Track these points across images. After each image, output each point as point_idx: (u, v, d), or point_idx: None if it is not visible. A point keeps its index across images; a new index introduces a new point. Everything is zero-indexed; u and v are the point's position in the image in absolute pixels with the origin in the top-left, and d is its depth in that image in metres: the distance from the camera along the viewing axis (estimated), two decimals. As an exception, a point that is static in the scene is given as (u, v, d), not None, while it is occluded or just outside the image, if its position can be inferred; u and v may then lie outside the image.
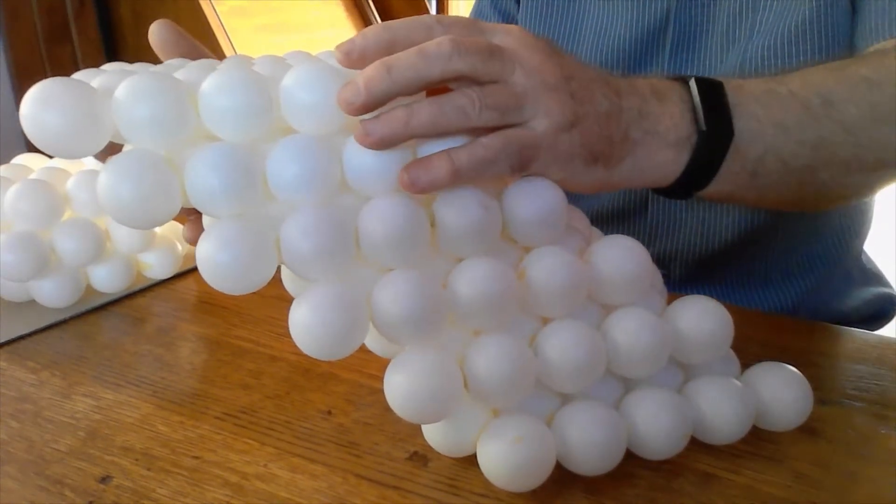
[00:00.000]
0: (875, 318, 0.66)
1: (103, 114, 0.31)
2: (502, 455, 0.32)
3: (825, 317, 0.62)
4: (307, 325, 0.30)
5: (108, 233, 0.53)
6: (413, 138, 0.32)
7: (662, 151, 0.37)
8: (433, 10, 2.12)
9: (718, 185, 0.39)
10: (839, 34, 0.51)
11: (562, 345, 0.33)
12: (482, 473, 0.34)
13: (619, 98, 0.36)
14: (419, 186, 0.31)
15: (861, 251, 0.67)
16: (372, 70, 0.31)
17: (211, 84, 0.31)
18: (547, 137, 0.33)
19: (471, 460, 0.35)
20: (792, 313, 0.60)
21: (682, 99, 0.38)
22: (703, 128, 0.37)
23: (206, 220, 0.35)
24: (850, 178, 0.42)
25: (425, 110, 0.31)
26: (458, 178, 0.32)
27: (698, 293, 0.38)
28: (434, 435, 0.35)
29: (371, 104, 0.31)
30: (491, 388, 0.32)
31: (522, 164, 0.33)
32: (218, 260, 0.30)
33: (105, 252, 0.53)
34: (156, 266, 0.57)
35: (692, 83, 0.38)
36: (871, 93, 0.40)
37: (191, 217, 0.38)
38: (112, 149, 0.35)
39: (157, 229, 0.56)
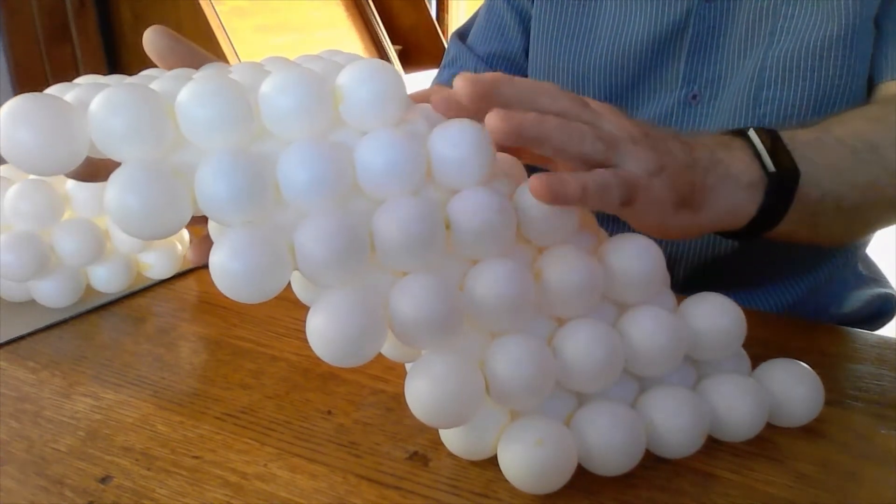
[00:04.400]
0: (875, 318, 0.66)
1: (78, 128, 0.30)
2: (524, 458, 0.31)
3: (825, 317, 0.62)
4: (325, 333, 0.30)
5: (108, 233, 0.53)
6: (530, 142, 0.33)
7: (739, 193, 0.39)
8: (433, 11, 2.12)
9: (784, 225, 0.40)
10: (863, 59, 0.51)
11: (581, 344, 0.33)
12: (482, 473, 0.34)
13: (691, 149, 0.38)
14: (554, 196, 0.32)
15: (862, 252, 0.67)
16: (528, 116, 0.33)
17: (187, 94, 0.30)
18: (642, 179, 0.35)
19: (471, 461, 0.35)
20: (792, 313, 0.60)
21: (744, 147, 0.40)
22: (772, 169, 0.39)
23: (212, 229, 0.35)
24: (891, 215, 0.46)
25: (555, 122, 0.33)
26: (585, 198, 0.32)
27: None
28: (453, 438, 0.34)
29: (512, 130, 0.32)
30: (513, 390, 0.31)
31: (628, 199, 0.34)
32: (231, 268, 0.29)
33: (105, 252, 0.53)
34: (156, 266, 0.57)
35: (751, 132, 0.40)
36: None
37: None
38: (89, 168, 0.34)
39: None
